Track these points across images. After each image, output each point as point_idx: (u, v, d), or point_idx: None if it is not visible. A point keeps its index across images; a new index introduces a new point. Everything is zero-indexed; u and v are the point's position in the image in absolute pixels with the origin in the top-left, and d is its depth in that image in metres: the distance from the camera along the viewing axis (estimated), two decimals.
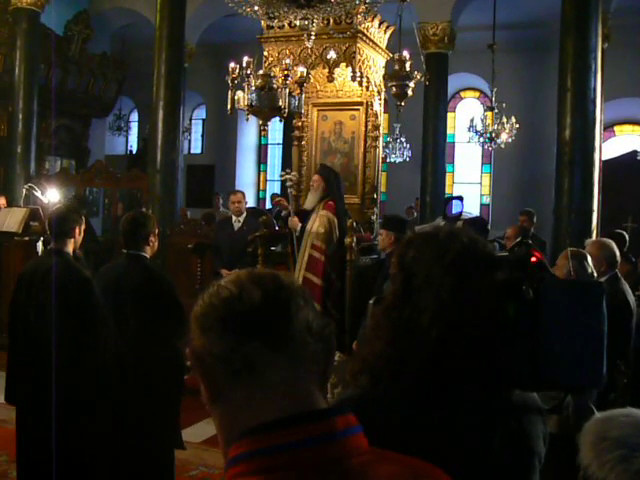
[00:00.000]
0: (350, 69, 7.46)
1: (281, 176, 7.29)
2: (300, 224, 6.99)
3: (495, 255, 1.68)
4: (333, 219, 6.97)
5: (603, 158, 10.46)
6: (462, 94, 17.45)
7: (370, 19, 7.59)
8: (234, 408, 1.13)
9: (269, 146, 19.60)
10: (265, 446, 1.05)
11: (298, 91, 6.77)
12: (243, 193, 8.56)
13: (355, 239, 6.90)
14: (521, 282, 1.59)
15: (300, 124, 8.29)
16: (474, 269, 1.60)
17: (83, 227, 4.54)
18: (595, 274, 4.78)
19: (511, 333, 1.57)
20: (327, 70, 7.37)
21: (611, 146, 14.98)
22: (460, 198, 5.54)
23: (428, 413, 1.54)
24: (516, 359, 1.57)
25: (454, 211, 5.32)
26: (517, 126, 12.67)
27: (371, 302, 1.93)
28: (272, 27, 7.56)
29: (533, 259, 1.64)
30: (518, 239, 1.76)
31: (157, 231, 4.56)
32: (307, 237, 6.96)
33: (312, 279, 6.84)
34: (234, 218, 8.25)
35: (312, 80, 7.93)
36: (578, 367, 1.59)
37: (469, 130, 13.05)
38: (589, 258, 4.77)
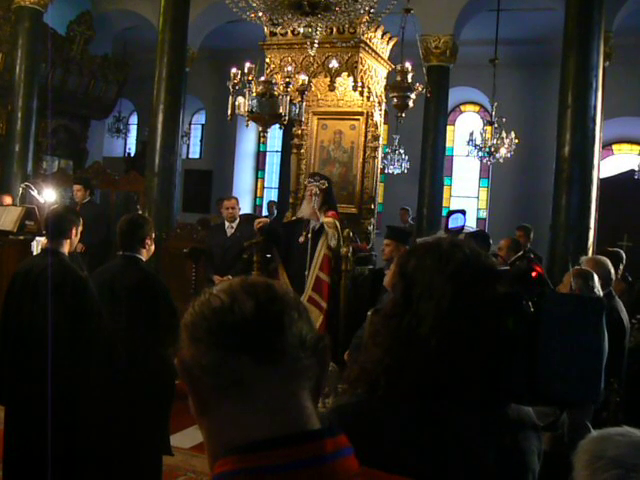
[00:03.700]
0: (352, 79, 7.44)
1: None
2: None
3: (497, 268, 1.67)
4: (339, 227, 6.88)
5: (601, 176, 10.49)
6: (462, 107, 17.46)
7: (373, 29, 7.59)
8: (221, 422, 1.08)
9: (268, 153, 19.56)
10: (251, 466, 1.01)
11: (299, 99, 6.75)
12: (237, 199, 8.50)
13: (351, 249, 6.86)
14: (521, 296, 1.58)
15: (300, 132, 8.27)
16: (475, 280, 1.59)
17: (80, 228, 4.53)
18: (601, 293, 4.77)
19: (510, 346, 1.56)
20: (328, 79, 7.35)
21: (609, 164, 15.01)
22: (462, 212, 5.51)
23: (424, 425, 1.53)
24: (514, 372, 1.56)
25: (456, 224, 5.28)
26: (516, 141, 12.69)
27: (369, 313, 1.91)
28: (275, 34, 7.56)
29: (534, 273, 1.64)
30: (520, 253, 1.76)
31: (154, 235, 4.56)
32: (317, 257, 6.87)
33: (319, 301, 6.77)
34: (227, 224, 8.17)
35: (313, 88, 7.92)
36: (576, 381, 1.58)
37: (468, 144, 13.07)
38: (595, 277, 4.76)
